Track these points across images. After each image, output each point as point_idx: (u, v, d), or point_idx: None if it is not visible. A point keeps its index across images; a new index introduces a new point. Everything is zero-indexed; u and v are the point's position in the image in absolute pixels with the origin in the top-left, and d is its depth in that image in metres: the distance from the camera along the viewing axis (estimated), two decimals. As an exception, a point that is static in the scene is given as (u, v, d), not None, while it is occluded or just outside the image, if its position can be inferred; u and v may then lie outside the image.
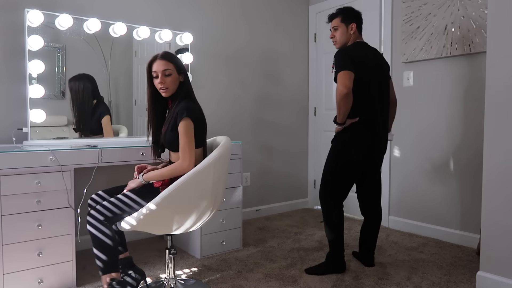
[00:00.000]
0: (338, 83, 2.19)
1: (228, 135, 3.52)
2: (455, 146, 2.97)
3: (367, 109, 2.27)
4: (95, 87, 2.74)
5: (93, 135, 2.72)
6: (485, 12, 2.71)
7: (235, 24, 3.59)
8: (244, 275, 2.36)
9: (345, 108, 2.18)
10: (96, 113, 2.75)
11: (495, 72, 2.08)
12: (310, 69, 4.15)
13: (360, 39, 2.40)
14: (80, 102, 2.67)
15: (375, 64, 2.33)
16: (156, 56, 1.95)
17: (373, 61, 2.33)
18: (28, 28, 2.46)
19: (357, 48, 2.32)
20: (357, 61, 2.21)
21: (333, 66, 2.27)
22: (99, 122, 2.75)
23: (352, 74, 2.17)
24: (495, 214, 2.08)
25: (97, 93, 2.75)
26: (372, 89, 2.28)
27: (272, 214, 3.89)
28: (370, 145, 2.31)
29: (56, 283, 2.11)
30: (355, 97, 2.19)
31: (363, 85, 2.23)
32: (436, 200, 3.09)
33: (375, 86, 2.30)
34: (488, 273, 2.12)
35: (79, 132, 2.67)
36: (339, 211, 2.35)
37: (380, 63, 2.37)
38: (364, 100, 2.25)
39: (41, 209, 2.05)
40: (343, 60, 2.20)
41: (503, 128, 2.05)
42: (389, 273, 2.40)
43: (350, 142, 2.29)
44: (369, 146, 2.31)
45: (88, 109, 2.71)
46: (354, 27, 2.36)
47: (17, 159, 1.99)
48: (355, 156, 2.30)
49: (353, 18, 2.37)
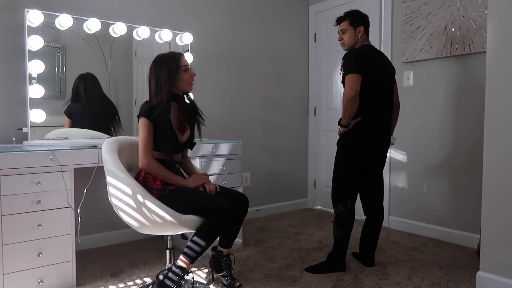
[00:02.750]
0: (346, 85, 2.22)
1: (228, 135, 3.53)
2: (455, 146, 2.97)
3: (371, 111, 2.31)
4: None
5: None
6: (485, 12, 2.71)
7: (235, 24, 3.59)
8: (244, 275, 2.36)
9: (351, 111, 2.23)
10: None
11: (495, 72, 2.08)
12: (310, 69, 4.15)
13: (368, 42, 2.44)
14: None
15: (381, 67, 2.36)
16: (180, 53, 2.05)
17: (380, 63, 2.37)
18: (28, 28, 2.46)
19: (365, 51, 2.35)
20: (364, 64, 2.25)
21: (342, 68, 2.31)
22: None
23: (360, 77, 2.21)
24: (495, 214, 2.08)
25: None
26: (377, 92, 2.31)
27: (272, 214, 3.89)
28: (374, 140, 2.35)
29: (56, 283, 2.11)
30: (361, 98, 2.23)
31: (368, 87, 2.26)
32: (436, 200, 3.09)
33: (380, 88, 2.34)
34: (488, 273, 2.12)
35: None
36: (351, 211, 2.37)
37: (386, 66, 2.41)
38: (369, 102, 2.28)
39: (41, 209, 2.05)
40: (352, 63, 2.24)
41: (503, 128, 2.04)
42: (389, 273, 2.40)
43: (356, 139, 2.33)
44: (374, 142, 2.35)
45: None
46: (362, 30, 2.40)
47: (17, 159, 1.98)
48: (362, 152, 2.34)
49: (361, 21, 2.41)
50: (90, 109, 2.73)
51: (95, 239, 2.85)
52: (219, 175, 2.70)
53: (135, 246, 2.88)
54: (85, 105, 2.71)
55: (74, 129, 2.65)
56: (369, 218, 2.51)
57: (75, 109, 2.66)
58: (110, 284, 2.25)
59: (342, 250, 2.40)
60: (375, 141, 2.36)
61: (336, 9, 3.82)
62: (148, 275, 2.37)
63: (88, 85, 2.71)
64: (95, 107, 2.76)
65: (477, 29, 2.77)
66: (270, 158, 3.90)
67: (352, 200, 2.38)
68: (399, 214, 3.34)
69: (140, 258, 2.65)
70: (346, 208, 2.37)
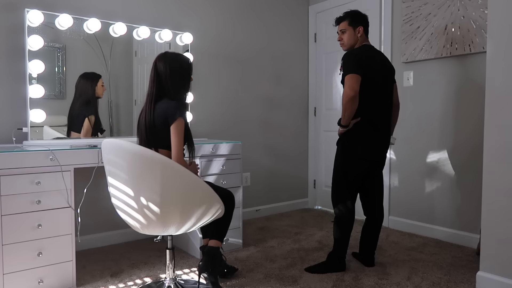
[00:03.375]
0: (346, 85, 2.23)
1: (228, 135, 3.53)
2: (455, 146, 2.97)
3: (371, 111, 2.31)
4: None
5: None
6: (485, 12, 2.71)
7: (235, 24, 3.59)
8: (244, 275, 2.36)
9: (351, 111, 2.24)
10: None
11: (495, 72, 2.08)
12: (310, 69, 4.15)
13: (367, 42, 2.44)
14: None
15: (381, 67, 2.37)
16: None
17: (379, 64, 2.37)
18: (28, 28, 2.46)
19: (364, 51, 2.36)
20: (364, 64, 2.26)
21: (341, 69, 2.31)
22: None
23: (359, 77, 2.22)
24: (495, 214, 2.08)
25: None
26: (376, 92, 2.32)
27: (272, 214, 3.89)
28: (374, 140, 2.36)
29: (56, 283, 2.11)
30: (360, 98, 2.23)
31: (368, 88, 2.27)
32: (436, 200, 3.09)
33: (380, 89, 2.34)
34: (488, 273, 2.12)
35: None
36: (350, 211, 2.38)
37: (386, 66, 2.41)
38: (368, 102, 2.29)
39: (41, 209, 2.05)
40: (351, 63, 2.25)
41: (503, 128, 2.04)
42: (389, 273, 2.40)
43: (355, 138, 2.33)
44: (374, 141, 2.36)
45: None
46: (361, 30, 2.40)
47: (17, 159, 1.99)
48: (361, 151, 2.34)
49: (360, 21, 2.41)
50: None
51: (95, 239, 2.85)
52: (219, 175, 2.70)
53: (135, 246, 2.88)
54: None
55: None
56: (369, 218, 2.51)
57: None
58: (110, 284, 2.25)
59: (342, 250, 2.40)
60: (374, 141, 2.36)
61: (336, 9, 3.83)
62: (148, 275, 2.37)
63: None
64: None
65: (477, 29, 2.77)
66: (270, 158, 3.90)
67: (352, 200, 2.39)
68: (399, 214, 3.34)
69: (140, 258, 2.65)
70: (346, 208, 2.37)
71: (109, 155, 1.82)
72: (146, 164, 1.72)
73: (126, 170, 1.75)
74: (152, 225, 1.82)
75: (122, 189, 1.81)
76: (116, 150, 1.76)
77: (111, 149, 1.78)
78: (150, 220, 1.80)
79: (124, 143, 1.74)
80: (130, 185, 1.76)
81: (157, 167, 1.71)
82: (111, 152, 1.79)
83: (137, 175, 1.74)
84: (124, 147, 1.73)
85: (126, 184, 1.77)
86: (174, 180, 1.75)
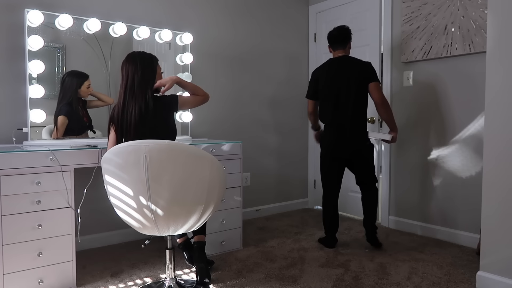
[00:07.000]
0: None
1: (228, 135, 3.53)
2: (455, 146, 2.97)
3: (329, 116, 2.78)
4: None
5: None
6: (485, 12, 2.71)
7: (235, 24, 3.59)
8: (244, 275, 2.36)
9: (310, 121, 3.08)
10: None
11: (495, 72, 2.08)
12: (310, 69, 4.14)
13: (334, 55, 2.85)
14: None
15: (334, 75, 2.75)
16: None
17: (333, 72, 2.76)
18: (28, 28, 2.46)
19: (320, 68, 2.88)
20: (314, 82, 2.86)
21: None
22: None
23: (310, 101, 2.94)
24: (495, 214, 2.09)
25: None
26: (331, 99, 2.75)
27: (272, 214, 3.89)
28: (333, 139, 2.77)
29: (56, 283, 2.11)
30: (320, 107, 2.87)
31: (322, 98, 2.82)
32: (436, 200, 3.09)
33: (335, 94, 2.73)
34: (488, 273, 2.12)
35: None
36: (326, 200, 2.89)
37: (345, 72, 2.71)
38: (326, 108, 2.79)
39: (41, 209, 2.05)
40: (308, 86, 2.96)
41: (503, 128, 2.05)
42: (389, 273, 2.40)
43: (321, 139, 2.93)
44: (333, 141, 2.78)
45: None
46: (328, 47, 2.90)
47: (17, 159, 1.99)
48: (323, 149, 2.88)
49: (329, 42, 2.87)
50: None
51: (95, 239, 2.85)
52: (219, 175, 2.70)
53: (135, 246, 2.88)
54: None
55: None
56: (362, 188, 2.86)
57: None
58: (110, 284, 2.25)
59: (325, 228, 2.88)
60: (334, 141, 2.77)
61: (336, 9, 3.83)
62: (148, 275, 2.37)
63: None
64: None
65: (477, 29, 2.77)
66: (270, 158, 3.90)
67: (327, 192, 2.88)
68: (399, 214, 3.34)
69: (140, 258, 2.65)
70: (324, 198, 2.91)
71: (161, 155, 1.74)
72: (198, 163, 1.83)
73: (172, 172, 1.76)
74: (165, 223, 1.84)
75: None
76: (168, 151, 1.75)
77: (162, 151, 1.74)
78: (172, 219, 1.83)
79: (179, 144, 1.80)
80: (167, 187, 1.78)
81: (207, 166, 1.85)
82: (162, 153, 1.74)
83: (183, 177, 1.79)
84: (181, 148, 1.79)
85: (168, 186, 1.77)
86: (217, 175, 1.90)
